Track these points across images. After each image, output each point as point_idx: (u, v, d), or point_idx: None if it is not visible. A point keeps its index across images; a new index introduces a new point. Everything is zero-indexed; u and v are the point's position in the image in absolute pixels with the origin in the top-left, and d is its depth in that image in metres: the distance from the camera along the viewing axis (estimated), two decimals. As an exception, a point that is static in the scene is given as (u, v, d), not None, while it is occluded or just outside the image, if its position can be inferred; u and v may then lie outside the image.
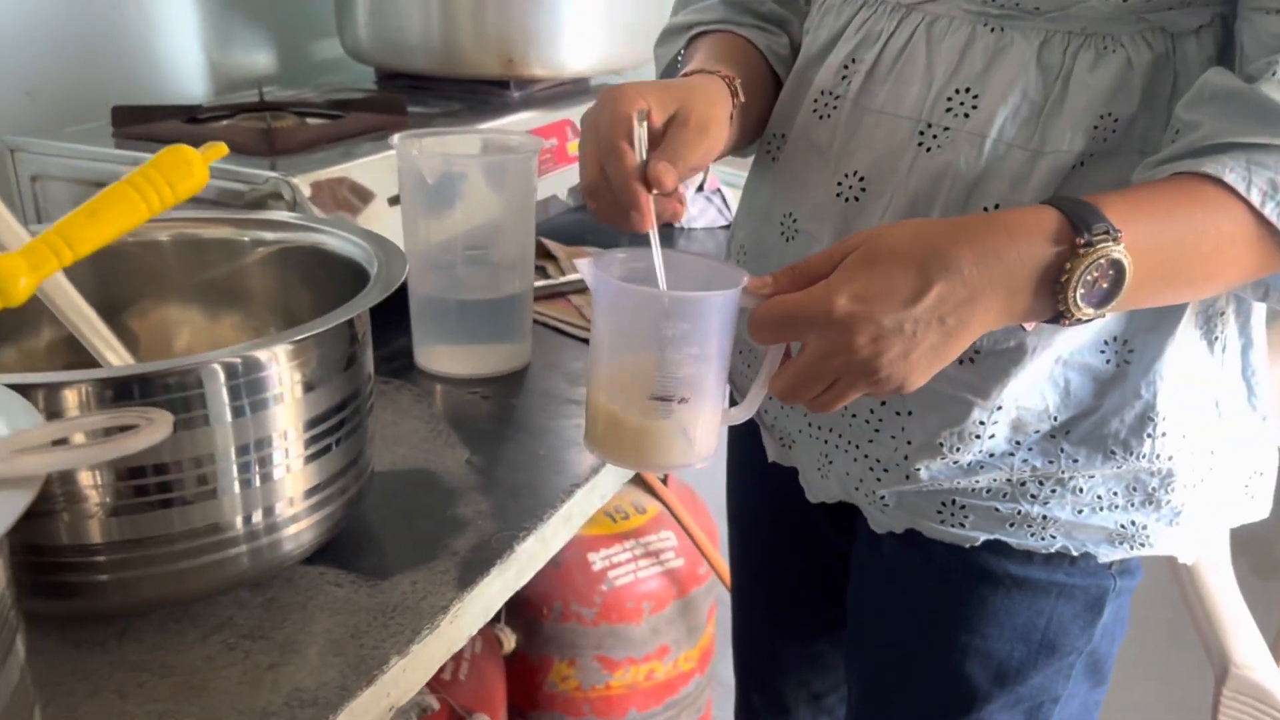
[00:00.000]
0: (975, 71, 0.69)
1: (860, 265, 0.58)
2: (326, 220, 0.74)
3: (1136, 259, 0.58)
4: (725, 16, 0.87)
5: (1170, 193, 0.61)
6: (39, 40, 1.16)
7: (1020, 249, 0.58)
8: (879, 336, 0.57)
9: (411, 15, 1.25)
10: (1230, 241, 0.60)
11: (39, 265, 0.49)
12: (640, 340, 0.62)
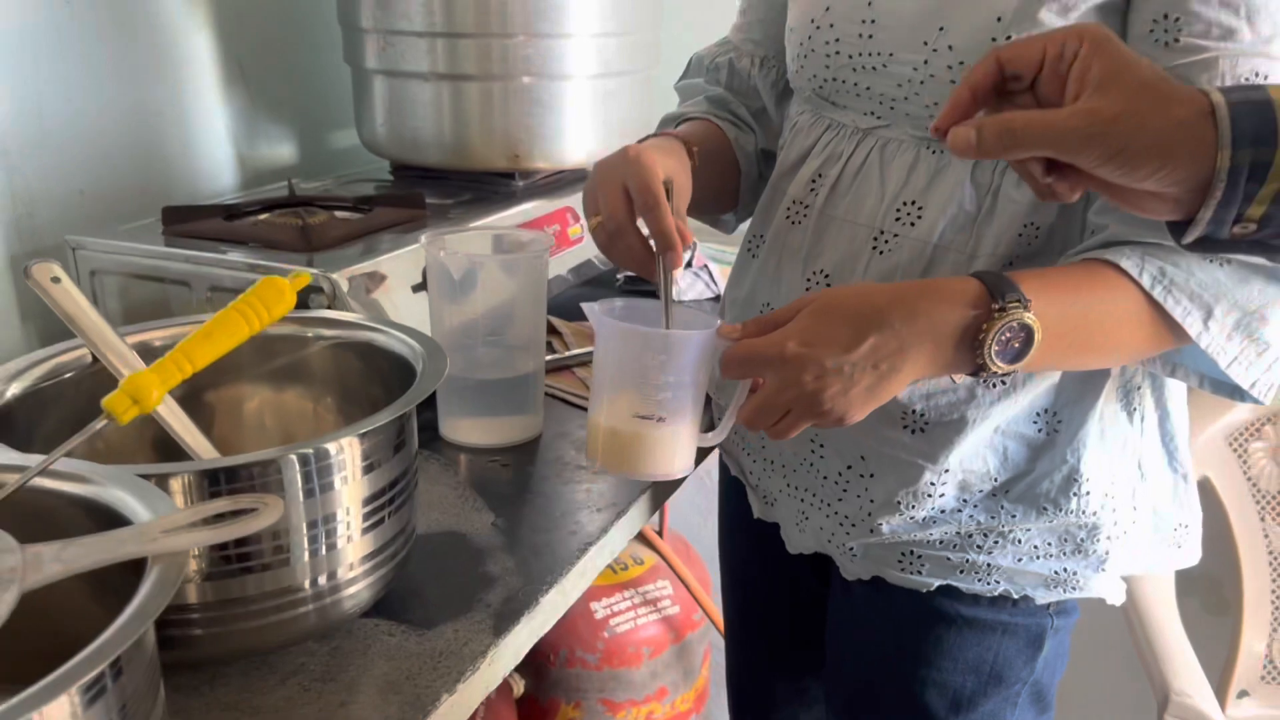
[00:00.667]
0: (920, 187, 0.82)
1: (810, 317, 0.72)
2: (378, 320, 0.86)
3: (1044, 324, 0.71)
4: (707, 110, 1.04)
5: (1077, 274, 0.75)
6: (90, 143, 1.28)
7: (945, 310, 0.71)
8: (821, 375, 0.70)
9: (425, 115, 1.39)
10: (1126, 316, 0.73)
11: (167, 379, 0.62)
12: (629, 368, 0.78)
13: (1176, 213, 0.61)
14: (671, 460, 0.81)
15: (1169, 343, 0.76)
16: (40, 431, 0.77)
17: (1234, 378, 0.75)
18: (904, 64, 0.81)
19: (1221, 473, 1.48)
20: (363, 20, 1.37)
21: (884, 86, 0.83)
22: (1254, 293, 0.72)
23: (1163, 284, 0.72)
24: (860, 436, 0.85)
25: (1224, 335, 0.73)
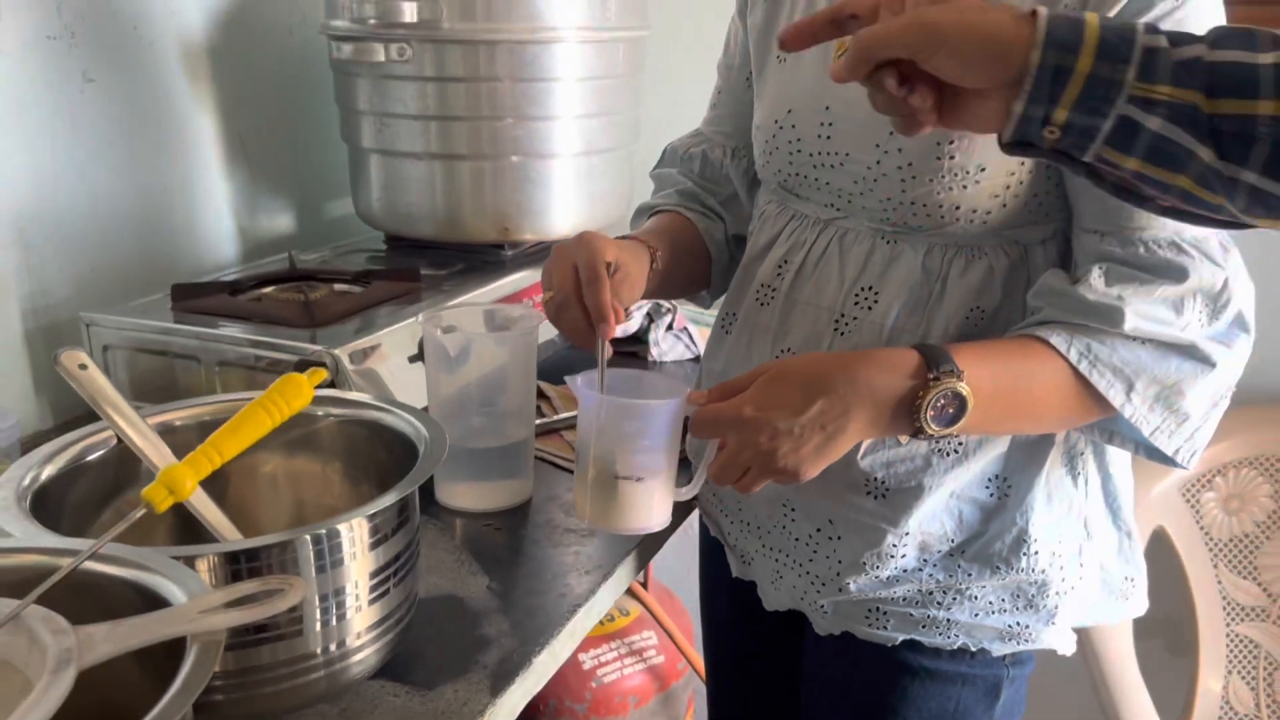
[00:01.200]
0: (876, 274, 0.90)
1: (765, 383, 0.80)
2: (383, 400, 0.93)
3: (977, 393, 0.78)
4: (679, 203, 1.13)
5: (1010, 348, 0.83)
6: (102, 220, 1.35)
7: (885, 378, 0.79)
8: (775, 436, 0.78)
9: (419, 191, 1.47)
10: (1055, 387, 0.81)
11: (199, 470, 0.68)
12: (609, 434, 0.87)
13: (1002, 117, 0.67)
14: (650, 515, 0.89)
15: (1096, 413, 0.83)
16: (70, 508, 0.84)
17: (1157, 445, 0.83)
18: (858, 163, 0.89)
19: (1175, 523, 1.55)
20: (360, 103, 1.46)
21: (842, 182, 0.91)
22: (1171, 369, 0.80)
23: (1088, 359, 0.80)
24: (828, 501, 0.93)
25: (1146, 407, 0.81)
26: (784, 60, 0.98)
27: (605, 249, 0.90)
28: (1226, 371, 0.82)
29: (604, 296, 0.88)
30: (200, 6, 1.45)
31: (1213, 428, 0.85)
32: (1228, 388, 0.83)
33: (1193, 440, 0.83)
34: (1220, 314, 0.80)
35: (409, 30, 1.36)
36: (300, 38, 1.61)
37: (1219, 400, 0.83)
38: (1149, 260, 0.80)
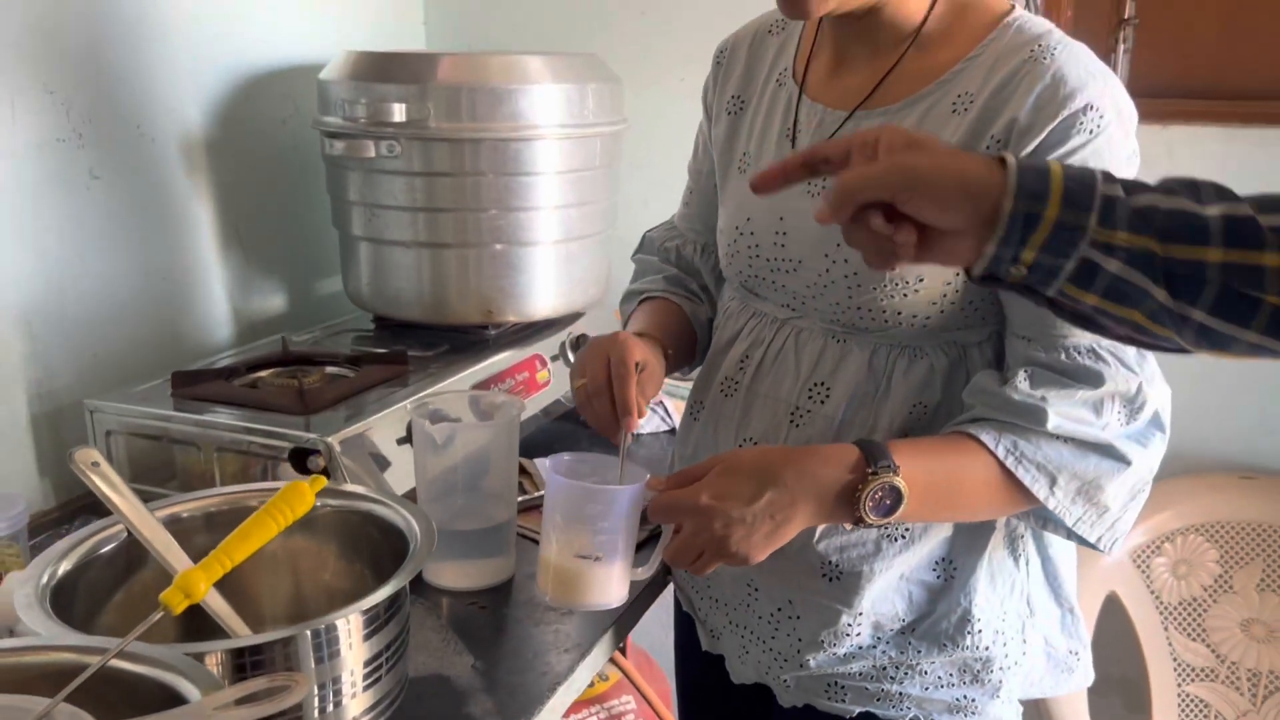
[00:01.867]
0: (828, 370, 0.99)
1: (719, 474, 0.88)
2: (379, 494, 1.00)
3: (912, 486, 0.86)
4: (665, 289, 1.21)
5: (943, 444, 0.91)
6: (103, 308, 1.42)
7: (828, 472, 0.87)
8: (728, 524, 0.86)
9: (407, 276, 1.55)
10: (985, 481, 0.89)
11: (211, 574, 0.75)
12: (572, 516, 0.94)
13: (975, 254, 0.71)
14: (608, 593, 0.96)
15: (1023, 504, 0.91)
16: (83, 595, 0.90)
17: (1081, 534, 0.91)
18: (810, 270, 0.98)
19: (1127, 588, 1.63)
20: (351, 194, 1.54)
21: (796, 286, 1.00)
22: (1091, 466, 0.89)
23: (1014, 455, 0.88)
24: (787, 584, 1.00)
25: (1069, 500, 0.89)
26: (744, 171, 1.07)
27: (635, 349, 0.99)
28: (1142, 467, 0.90)
29: (631, 392, 0.96)
30: (199, 103, 1.54)
31: (1134, 516, 0.93)
32: (1145, 481, 0.92)
33: (1113, 530, 0.91)
34: (1137, 415, 0.89)
35: (398, 129, 1.44)
36: (293, 128, 1.70)
37: (1137, 493, 0.91)
38: (1069, 365, 0.88)
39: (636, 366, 0.97)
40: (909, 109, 0.95)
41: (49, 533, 1.28)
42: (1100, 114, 0.88)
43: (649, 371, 1.00)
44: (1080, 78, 0.88)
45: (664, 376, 1.06)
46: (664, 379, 1.06)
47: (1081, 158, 0.87)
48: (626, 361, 0.97)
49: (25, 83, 1.29)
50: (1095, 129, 0.87)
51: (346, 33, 1.82)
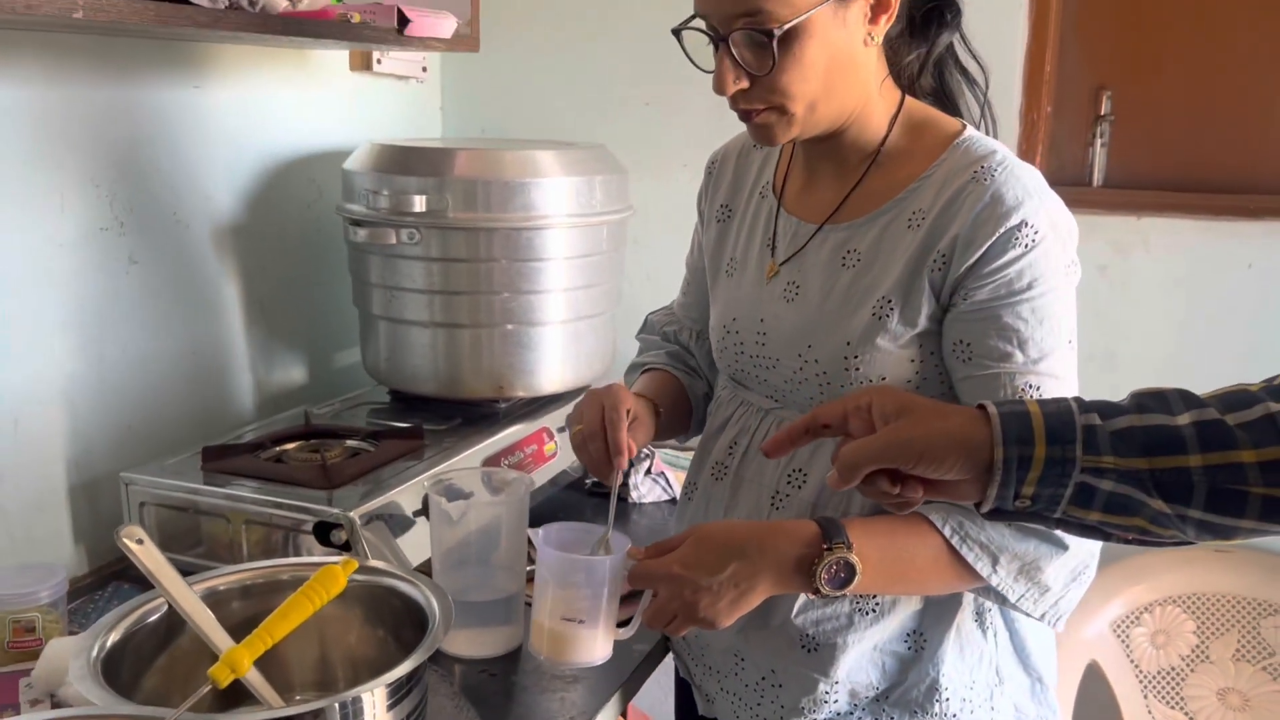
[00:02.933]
0: (805, 458, 1.07)
1: (690, 546, 0.97)
2: (402, 571, 1.08)
3: (865, 561, 0.95)
4: (666, 363, 1.30)
5: (897, 523, 0.99)
6: (138, 383, 1.51)
7: (788, 546, 0.95)
8: (696, 591, 0.95)
9: (423, 354, 1.64)
10: (933, 559, 0.97)
11: (254, 651, 0.83)
12: (559, 583, 1.03)
13: (979, 495, 0.78)
14: (592, 652, 1.04)
15: (970, 580, 0.99)
16: (128, 664, 0.98)
17: (1023, 610, 0.99)
18: (787, 367, 1.07)
19: (1107, 657, 1.70)
20: (371, 277, 1.63)
21: (776, 380, 1.09)
22: (1030, 548, 0.96)
23: (960, 535, 0.96)
24: (770, 654, 1.08)
25: (1011, 578, 0.97)
26: (731, 274, 1.17)
27: (627, 398, 1.10)
28: (1081, 551, 0.97)
29: (623, 434, 1.07)
30: (230, 190, 1.64)
31: (1078, 595, 1.00)
32: (1084, 564, 0.99)
33: (1057, 607, 0.99)
34: None
35: (418, 218, 1.54)
36: (317, 211, 1.80)
37: (1078, 574, 0.99)
38: None
39: (628, 414, 1.08)
40: (871, 224, 1.04)
41: (83, 598, 1.36)
42: (1035, 230, 0.97)
43: (639, 421, 1.11)
44: (1017, 196, 0.97)
45: (654, 430, 1.17)
46: (654, 431, 1.17)
47: (1018, 269, 0.96)
48: (619, 408, 1.08)
49: (74, 177, 1.39)
50: (1030, 243, 0.96)
51: (367, 119, 1.93)
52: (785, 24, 0.95)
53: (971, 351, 0.99)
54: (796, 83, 0.98)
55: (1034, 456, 0.74)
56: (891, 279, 1.02)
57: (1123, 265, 1.75)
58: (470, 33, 1.68)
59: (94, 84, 1.40)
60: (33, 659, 1.13)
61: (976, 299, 0.98)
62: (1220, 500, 0.71)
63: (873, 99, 1.05)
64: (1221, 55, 1.74)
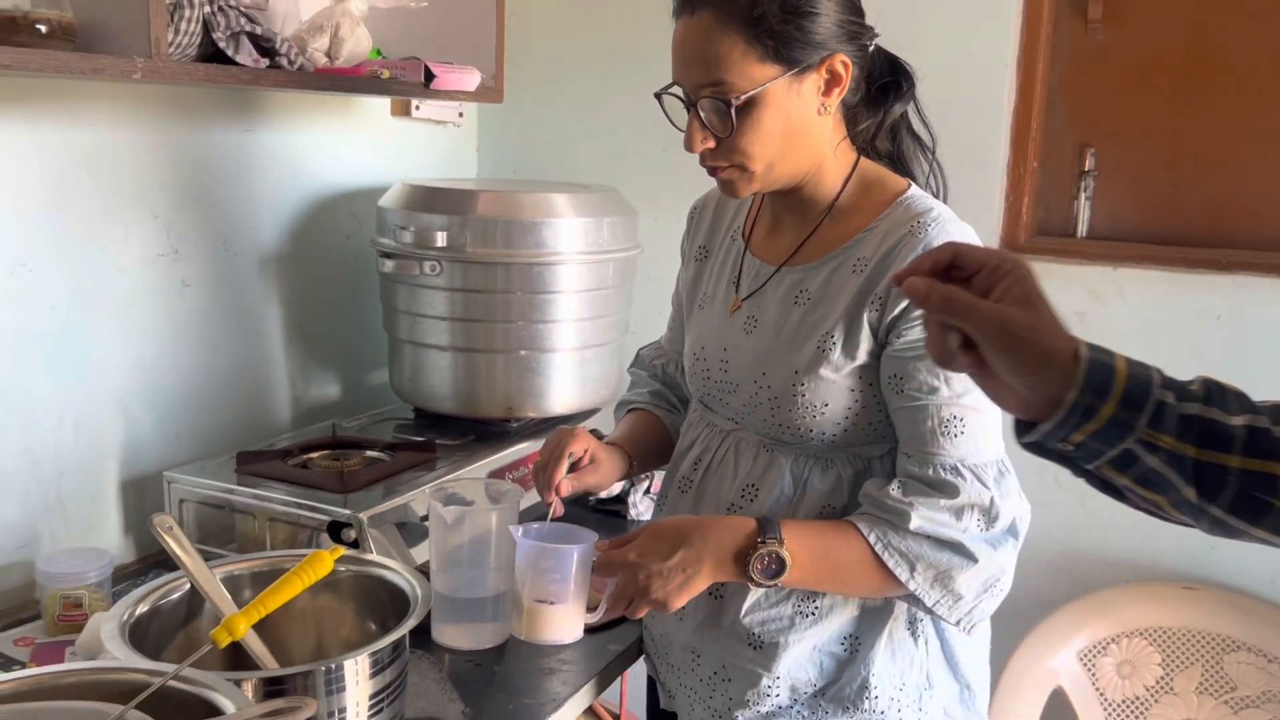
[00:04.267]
0: (758, 475, 1.20)
1: (645, 537, 1.13)
2: (389, 561, 1.23)
3: (794, 556, 1.08)
4: (650, 401, 1.43)
5: (828, 527, 1.12)
6: (186, 393, 1.69)
7: (728, 538, 1.09)
8: (649, 576, 1.09)
9: (442, 376, 1.79)
10: (858, 561, 1.10)
11: (250, 618, 0.98)
12: (532, 569, 1.20)
13: (1021, 412, 0.75)
14: (562, 632, 1.20)
15: (892, 585, 1.10)
16: (154, 634, 1.13)
17: (940, 615, 1.10)
18: (745, 392, 1.20)
19: (1073, 684, 1.78)
20: (399, 304, 1.80)
21: (736, 404, 1.22)
22: (944, 559, 1.08)
23: (883, 542, 1.08)
24: (721, 650, 1.21)
25: (927, 584, 1.08)
26: (704, 307, 1.30)
27: (579, 443, 1.25)
28: (992, 565, 1.09)
29: (552, 476, 1.24)
30: (275, 222, 1.82)
31: (991, 606, 1.11)
32: (995, 578, 1.10)
33: (970, 616, 1.11)
34: (994, 524, 1.08)
35: (440, 252, 1.70)
36: (355, 243, 1.97)
37: (990, 586, 1.10)
38: (933, 478, 1.09)
39: (570, 456, 1.25)
40: (821, 267, 1.17)
41: (128, 582, 1.53)
42: None
43: (596, 466, 1.27)
44: None
45: (616, 476, 1.32)
46: (614, 477, 1.32)
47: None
48: (560, 451, 1.25)
49: (137, 210, 1.57)
50: None
51: (406, 159, 2.11)
52: (743, 94, 1.09)
53: (903, 385, 1.11)
54: (754, 145, 1.12)
55: (1101, 412, 0.71)
56: (835, 317, 1.14)
57: (1100, 313, 1.84)
58: (495, 85, 1.84)
59: (157, 128, 1.59)
60: (78, 631, 1.29)
61: (908, 338, 1.11)
62: (1245, 505, 0.72)
63: (827, 159, 1.18)
64: (1199, 117, 1.83)
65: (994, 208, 1.93)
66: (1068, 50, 1.90)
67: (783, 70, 1.09)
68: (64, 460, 1.52)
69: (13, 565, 1.46)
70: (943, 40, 1.87)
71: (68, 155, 1.47)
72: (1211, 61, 1.81)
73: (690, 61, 1.11)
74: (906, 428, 1.12)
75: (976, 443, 1.10)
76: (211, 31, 1.35)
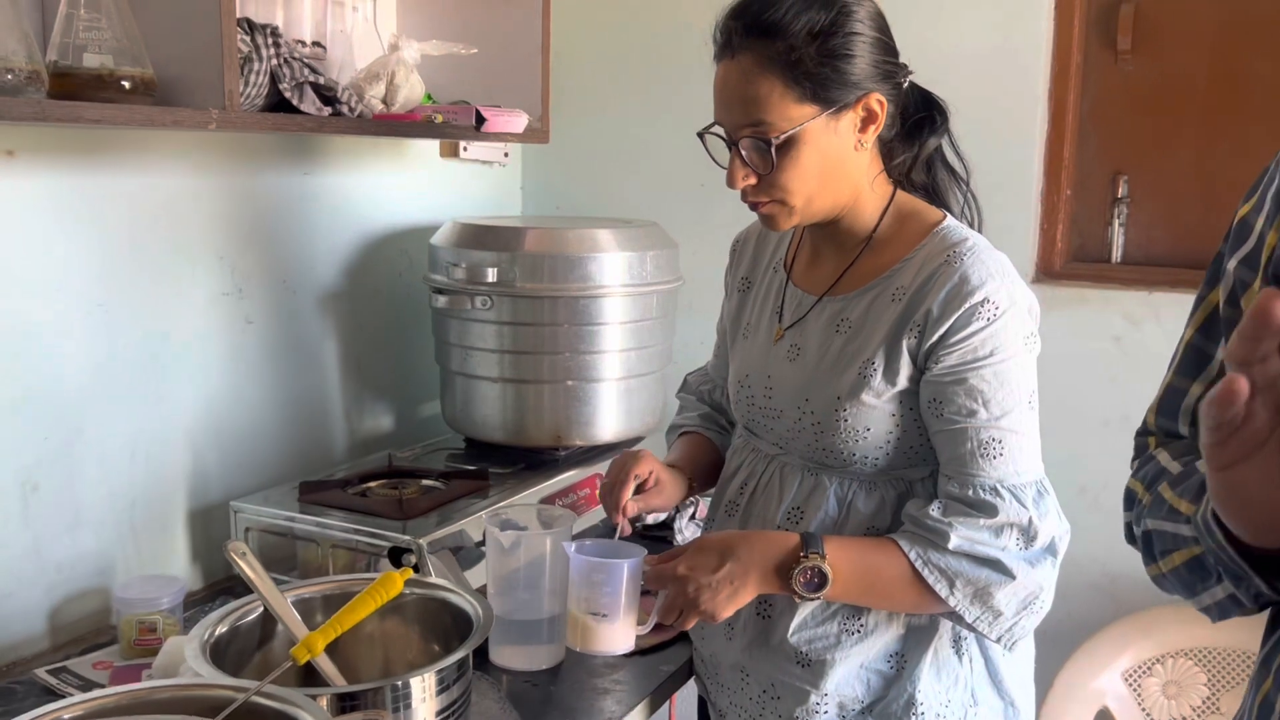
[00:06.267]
0: (803, 499, 1.24)
1: (694, 551, 1.17)
2: (453, 585, 1.28)
3: (836, 571, 1.12)
4: (700, 425, 1.48)
5: (871, 544, 1.16)
6: (248, 425, 1.76)
7: (773, 551, 1.14)
8: (698, 589, 1.14)
9: (492, 407, 1.85)
10: (899, 577, 1.13)
11: (326, 637, 1.04)
12: (584, 583, 1.24)
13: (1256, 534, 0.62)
14: (614, 643, 1.23)
15: (933, 601, 1.13)
16: (232, 654, 1.19)
17: (980, 631, 1.13)
18: (788, 418, 1.24)
19: (1119, 705, 1.79)
20: (450, 338, 1.86)
21: (781, 429, 1.26)
22: (982, 576, 1.11)
23: (923, 559, 1.12)
24: (770, 668, 1.24)
25: (967, 600, 1.12)
26: (748, 337, 1.35)
27: (644, 465, 1.30)
28: (1029, 582, 1.12)
29: (620, 497, 1.29)
30: (332, 261, 1.89)
31: (1032, 623, 1.15)
32: (1035, 595, 1.13)
33: (1011, 633, 1.14)
34: (1032, 543, 1.12)
35: (490, 287, 1.77)
36: (407, 280, 2.04)
37: (1029, 603, 1.13)
38: (973, 499, 1.12)
39: (638, 479, 1.29)
40: (861, 297, 1.22)
41: (197, 608, 1.59)
42: (996, 306, 1.13)
43: (660, 488, 1.31)
44: (981, 277, 1.14)
45: (679, 497, 1.36)
46: (677, 498, 1.36)
47: (980, 339, 1.12)
48: (626, 473, 1.29)
49: (204, 251, 1.65)
50: (991, 317, 1.13)
51: (455, 198, 2.18)
52: (783, 134, 1.14)
53: (942, 409, 1.15)
54: (794, 181, 1.17)
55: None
56: (875, 344, 1.19)
57: (1136, 336, 1.87)
58: (541, 126, 1.91)
59: (222, 173, 1.67)
60: (153, 654, 1.35)
61: (946, 364, 1.15)
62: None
63: (865, 192, 1.23)
64: (1227, 142, 1.87)
65: (1029, 235, 1.97)
66: (1098, 80, 1.95)
67: (820, 110, 1.14)
68: (136, 492, 1.59)
69: (90, 592, 1.53)
70: (976, 72, 1.92)
71: (142, 201, 1.55)
72: (1238, 87, 1.85)
73: (731, 103, 1.16)
74: (946, 450, 1.16)
75: (1015, 464, 1.14)
76: (278, 83, 1.43)
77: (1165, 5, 1.90)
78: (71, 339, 1.47)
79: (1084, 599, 1.90)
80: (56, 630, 1.49)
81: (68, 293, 1.46)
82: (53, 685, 1.36)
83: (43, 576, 1.47)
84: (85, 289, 1.48)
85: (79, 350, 1.48)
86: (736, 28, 1.14)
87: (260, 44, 1.42)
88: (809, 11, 1.12)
